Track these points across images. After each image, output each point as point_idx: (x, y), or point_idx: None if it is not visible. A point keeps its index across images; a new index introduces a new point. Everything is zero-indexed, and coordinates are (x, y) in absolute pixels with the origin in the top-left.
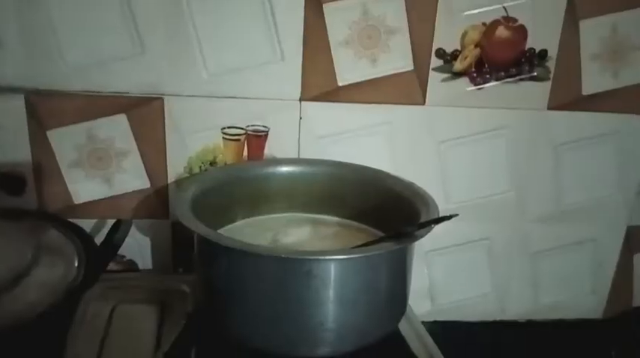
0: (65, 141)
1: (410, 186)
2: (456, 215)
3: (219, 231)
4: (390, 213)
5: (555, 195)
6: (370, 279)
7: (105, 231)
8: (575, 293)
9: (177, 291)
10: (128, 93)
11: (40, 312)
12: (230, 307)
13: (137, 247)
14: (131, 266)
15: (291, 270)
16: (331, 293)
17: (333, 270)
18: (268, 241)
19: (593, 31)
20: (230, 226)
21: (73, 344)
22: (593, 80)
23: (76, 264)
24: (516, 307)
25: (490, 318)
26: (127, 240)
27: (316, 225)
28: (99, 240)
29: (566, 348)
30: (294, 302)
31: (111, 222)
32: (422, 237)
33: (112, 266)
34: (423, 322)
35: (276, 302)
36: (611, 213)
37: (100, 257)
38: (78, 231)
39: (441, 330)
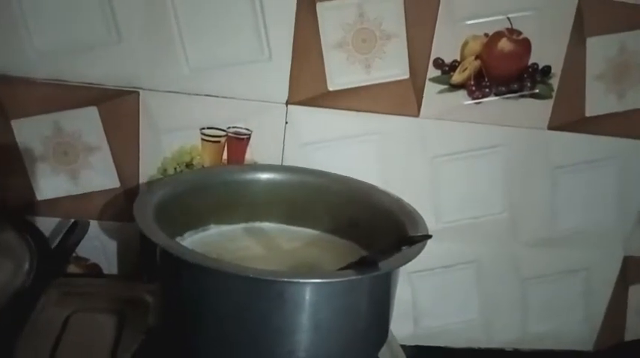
0: (30, 132)
1: (397, 202)
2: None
3: (188, 239)
4: (375, 230)
5: (550, 219)
6: (349, 305)
7: None
8: (565, 323)
9: (140, 301)
10: (101, 84)
11: None
12: (190, 329)
13: (102, 250)
14: (94, 270)
15: (260, 292)
16: (304, 319)
17: (307, 294)
18: (237, 252)
19: (600, 49)
20: (202, 234)
21: (20, 354)
22: (598, 101)
23: (27, 268)
24: (504, 335)
25: (475, 345)
26: (91, 242)
27: (292, 236)
28: None
29: None
30: (262, 327)
31: None
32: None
33: (73, 269)
34: (403, 346)
35: (242, 327)
36: (608, 242)
37: (52, 261)
38: (33, 231)
39: (423, 356)
